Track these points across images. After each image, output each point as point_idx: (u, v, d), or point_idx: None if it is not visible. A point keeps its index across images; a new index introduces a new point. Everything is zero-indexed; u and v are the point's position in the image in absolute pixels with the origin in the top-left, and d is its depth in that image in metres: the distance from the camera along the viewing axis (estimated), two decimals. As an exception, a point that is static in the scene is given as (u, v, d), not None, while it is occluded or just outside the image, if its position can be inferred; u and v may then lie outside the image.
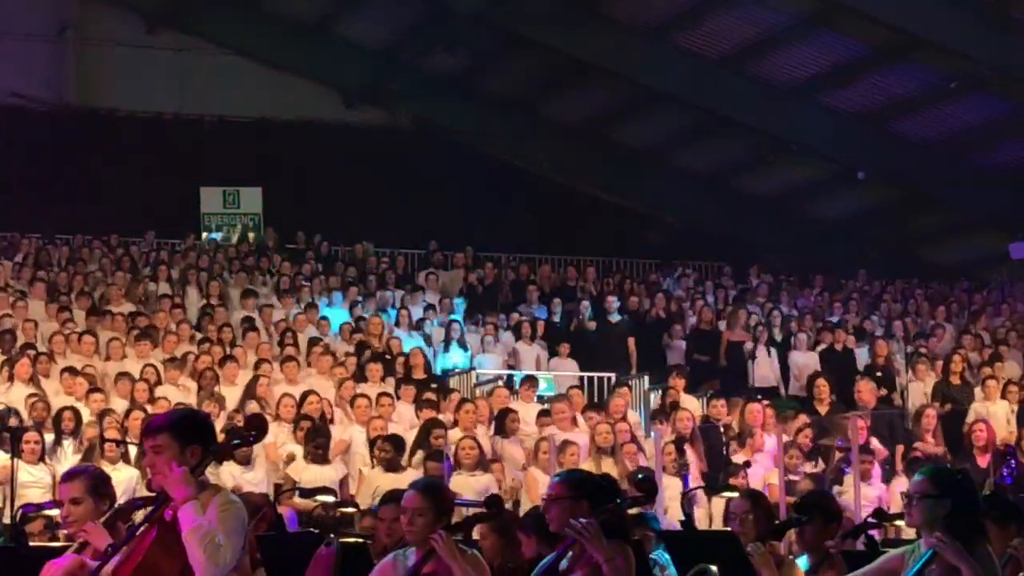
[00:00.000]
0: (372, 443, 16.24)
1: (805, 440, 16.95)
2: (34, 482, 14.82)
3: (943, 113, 27.55)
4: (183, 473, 6.43)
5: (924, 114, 27.74)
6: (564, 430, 16.80)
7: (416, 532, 7.74)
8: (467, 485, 14.87)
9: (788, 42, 26.83)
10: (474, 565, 7.67)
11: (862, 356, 22.29)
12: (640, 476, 8.20)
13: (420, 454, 16.02)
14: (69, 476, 7.58)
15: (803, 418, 17.97)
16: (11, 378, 17.72)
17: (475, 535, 9.25)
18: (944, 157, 28.65)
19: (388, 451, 15.63)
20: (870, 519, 10.58)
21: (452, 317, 22.99)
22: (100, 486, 7.43)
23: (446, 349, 21.75)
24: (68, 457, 15.52)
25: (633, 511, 8.64)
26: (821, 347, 22.31)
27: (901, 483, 15.46)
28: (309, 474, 15.62)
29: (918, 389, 20.62)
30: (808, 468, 16.28)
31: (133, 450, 15.28)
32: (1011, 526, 8.62)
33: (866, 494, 15.19)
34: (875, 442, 17.15)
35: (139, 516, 7.84)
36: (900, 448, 18.06)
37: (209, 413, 15.35)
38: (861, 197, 30.78)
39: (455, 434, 16.62)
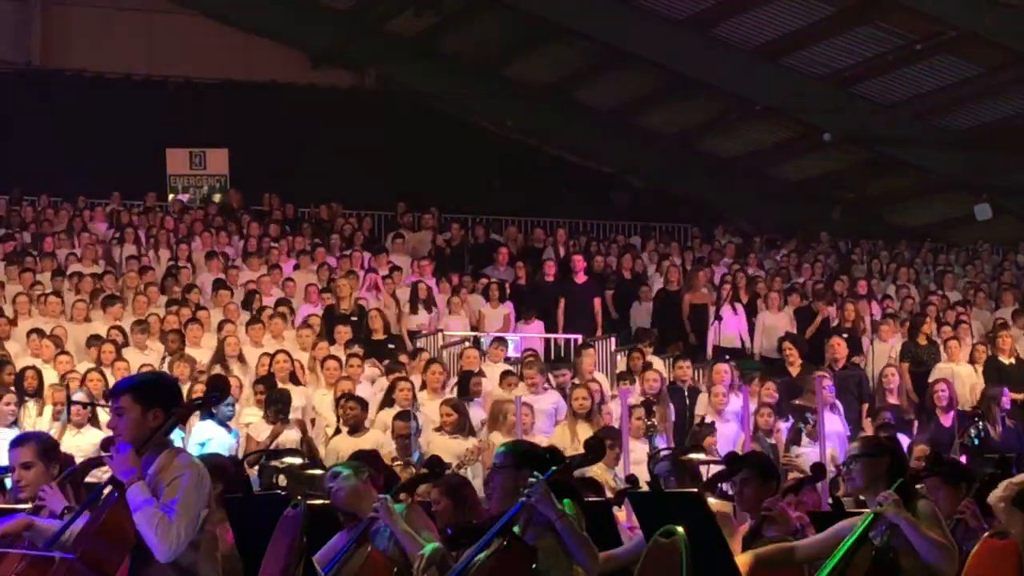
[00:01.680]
0: (337, 403, 16.25)
1: (770, 400, 16.99)
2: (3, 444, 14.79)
3: (909, 75, 27.59)
4: (127, 454, 6.42)
5: (890, 76, 27.76)
6: (533, 393, 16.82)
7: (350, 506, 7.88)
8: (448, 448, 14.87)
9: (754, 4, 26.78)
10: (415, 518, 7.79)
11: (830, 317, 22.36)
12: (591, 438, 8.28)
13: (387, 413, 16.03)
14: (19, 441, 7.62)
15: (765, 377, 18.01)
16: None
17: (428, 498, 9.30)
18: (909, 119, 28.73)
19: (354, 410, 15.63)
20: (808, 475, 10.65)
21: (418, 278, 22.96)
22: (49, 450, 7.48)
23: (413, 311, 21.72)
24: (32, 418, 15.49)
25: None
26: (790, 308, 22.37)
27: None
28: (268, 435, 15.59)
29: (884, 350, 20.71)
30: (781, 428, 16.32)
31: (100, 412, 15.27)
32: (961, 487, 8.71)
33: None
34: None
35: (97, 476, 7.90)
36: (865, 407, 18.19)
37: (176, 376, 15.37)
38: (826, 159, 30.85)
39: (423, 396, 16.65)
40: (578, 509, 7.46)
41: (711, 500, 8.72)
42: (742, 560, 7.39)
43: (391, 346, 19.65)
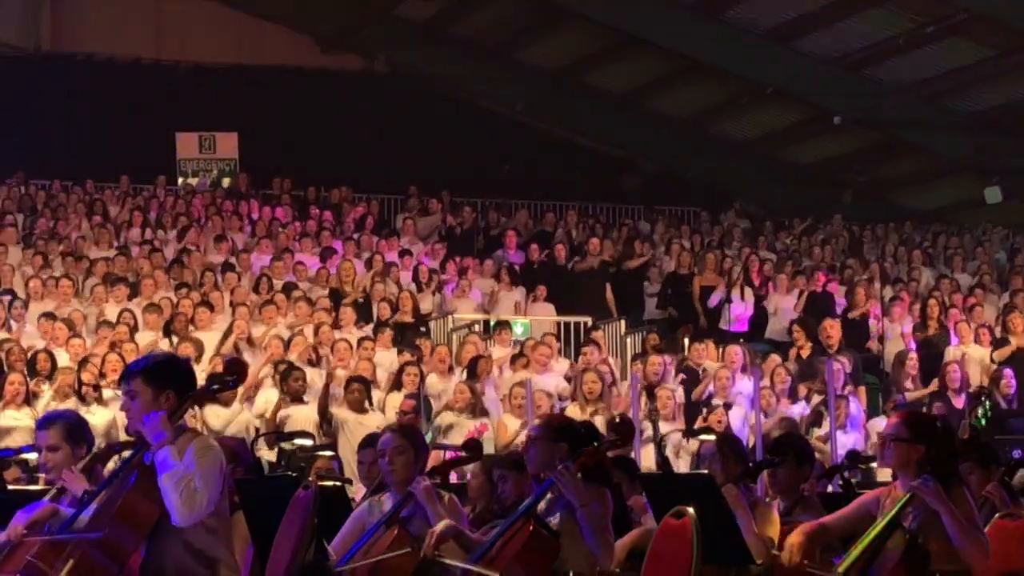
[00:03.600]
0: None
1: (781, 383, 17.00)
2: (17, 427, 14.83)
3: (920, 58, 27.50)
4: (160, 418, 6.45)
5: (900, 58, 27.68)
6: (540, 375, 16.84)
7: (397, 472, 7.77)
8: (460, 426, 14.90)
9: (765, -14, 26.79)
10: (451, 509, 7.71)
11: (840, 300, 22.33)
12: (617, 419, 8.23)
13: (396, 396, 16.07)
14: (45, 423, 7.58)
15: (775, 359, 18.01)
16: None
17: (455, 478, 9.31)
18: (920, 102, 28.65)
19: (358, 391, 15.66)
20: (844, 461, 10.65)
21: (427, 262, 22.97)
22: (76, 432, 7.43)
23: (419, 292, 21.74)
24: (46, 401, 15.52)
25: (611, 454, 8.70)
26: (799, 291, 22.34)
27: (879, 424, 15.56)
28: (292, 414, 15.63)
29: (895, 332, 20.68)
30: (790, 411, 16.32)
31: (108, 393, 15.31)
32: (992, 469, 8.69)
33: (843, 438, 15.30)
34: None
35: (118, 460, 7.89)
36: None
37: (188, 358, 15.39)
38: (837, 142, 30.79)
39: (431, 378, 16.68)
40: (607, 497, 7.45)
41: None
42: (793, 538, 7.29)
43: (422, 328, 19.70)
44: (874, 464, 11.89)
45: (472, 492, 8.76)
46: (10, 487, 9.83)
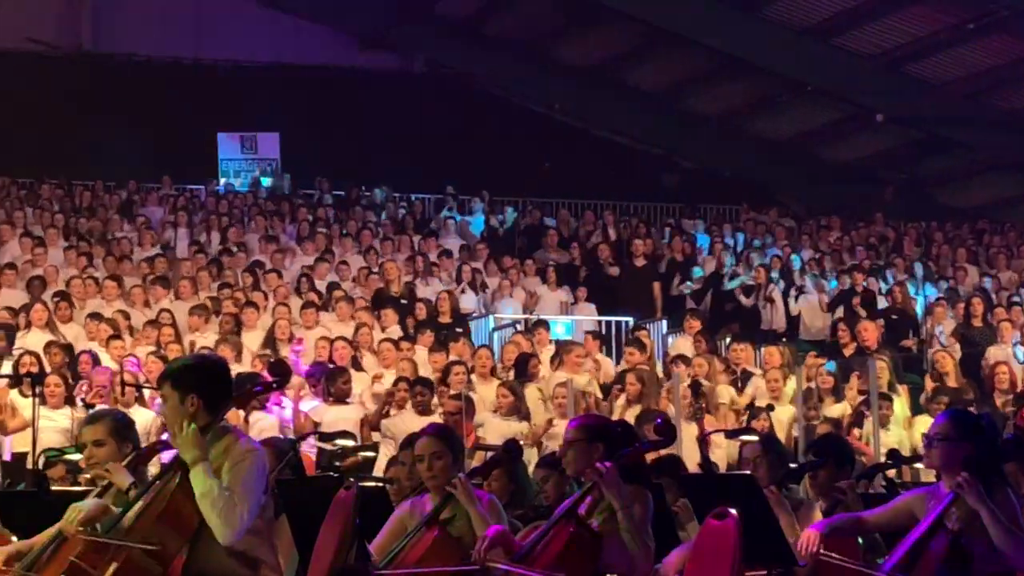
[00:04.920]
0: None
1: (825, 383, 16.92)
2: (55, 427, 14.87)
3: (961, 54, 27.40)
4: (192, 434, 6.43)
5: (942, 55, 27.58)
6: (577, 374, 16.80)
7: (435, 476, 7.77)
8: (501, 430, 14.89)
9: (804, -17, 26.74)
10: (491, 510, 7.70)
11: (882, 299, 22.25)
12: (659, 420, 8.19)
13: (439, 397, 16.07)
14: (92, 419, 7.59)
15: (819, 360, 17.92)
16: (28, 324, 17.75)
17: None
18: (962, 99, 28.53)
19: (421, 394, 15.67)
20: (886, 460, 10.61)
21: (469, 262, 22.96)
22: (123, 429, 7.44)
23: (463, 293, 21.75)
24: (86, 401, 15.56)
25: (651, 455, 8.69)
26: (841, 290, 22.26)
27: (923, 423, 15.48)
28: (329, 416, 15.64)
29: (938, 332, 20.57)
30: (832, 411, 16.24)
31: (149, 394, 15.35)
32: None
33: (885, 438, 15.22)
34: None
35: (162, 458, 7.92)
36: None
37: (224, 359, 15.39)
38: (879, 139, 30.68)
39: (473, 379, 16.66)
40: (647, 497, 7.43)
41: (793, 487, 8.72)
42: (811, 531, 7.28)
43: (459, 329, 19.68)
44: (917, 464, 11.83)
45: (495, 494, 8.75)
46: (54, 487, 9.87)
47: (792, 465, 9.23)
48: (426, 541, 7.60)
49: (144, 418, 15.15)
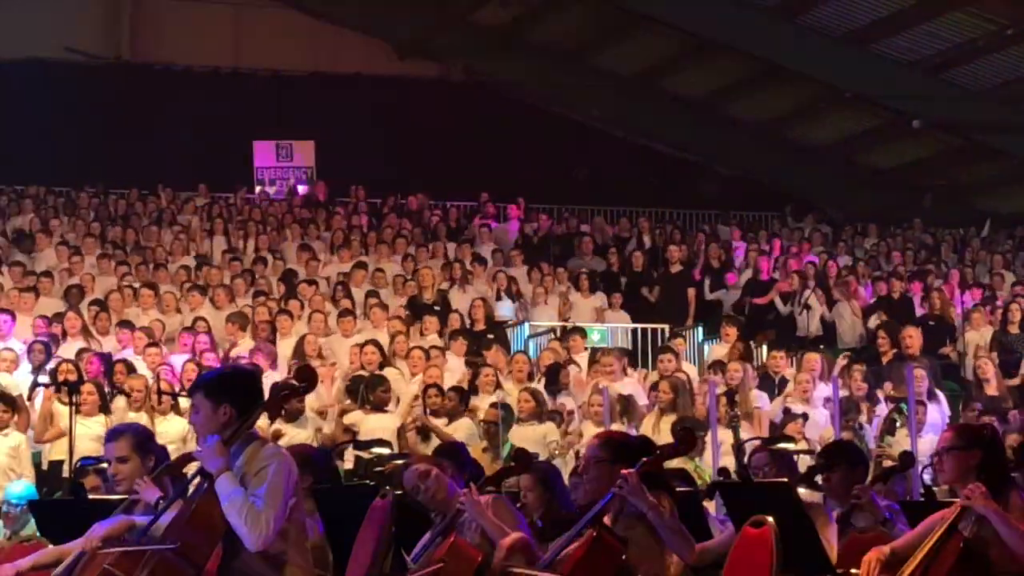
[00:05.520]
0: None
1: (860, 390, 16.83)
2: (90, 436, 14.90)
3: (999, 61, 27.27)
4: (215, 445, 6.46)
5: (980, 62, 27.46)
6: (612, 382, 16.74)
7: (435, 498, 7.85)
8: (525, 436, 14.87)
9: (843, -10, 26.65)
10: (502, 513, 7.75)
11: (919, 305, 22.15)
12: (679, 427, 8.17)
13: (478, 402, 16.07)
14: (114, 435, 7.62)
15: (856, 366, 17.82)
16: (65, 333, 17.80)
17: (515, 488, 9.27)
18: (999, 105, 28.38)
19: (451, 400, 15.66)
20: (898, 464, 10.55)
21: (505, 269, 22.95)
22: (145, 443, 7.47)
23: (498, 301, 21.74)
24: (122, 410, 15.60)
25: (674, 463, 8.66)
26: (879, 296, 22.17)
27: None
28: (367, 424, 15.63)
29: (974, 338, 20.47)
30: (865, 418, 16.15)
31: (184, 402, 15.37)
32: None
33: (921, 446, 15.14)
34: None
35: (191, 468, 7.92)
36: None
37: (256, 369, 15.41)
38: (916, 146, 30.57)
39: (508, 386, 16.64)
40: (669, 500, 7.44)
41: (802, 491, 8.67)
42: (873, 555, 7.30)
43: (490, 336, 19.67)
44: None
45: (531, 506, 8.73)
46: (90, 496, 9.87)
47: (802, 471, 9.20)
48: (442, 548, 7.64)
49: (180, 427, 15.21)
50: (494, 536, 7.72)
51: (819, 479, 9.09)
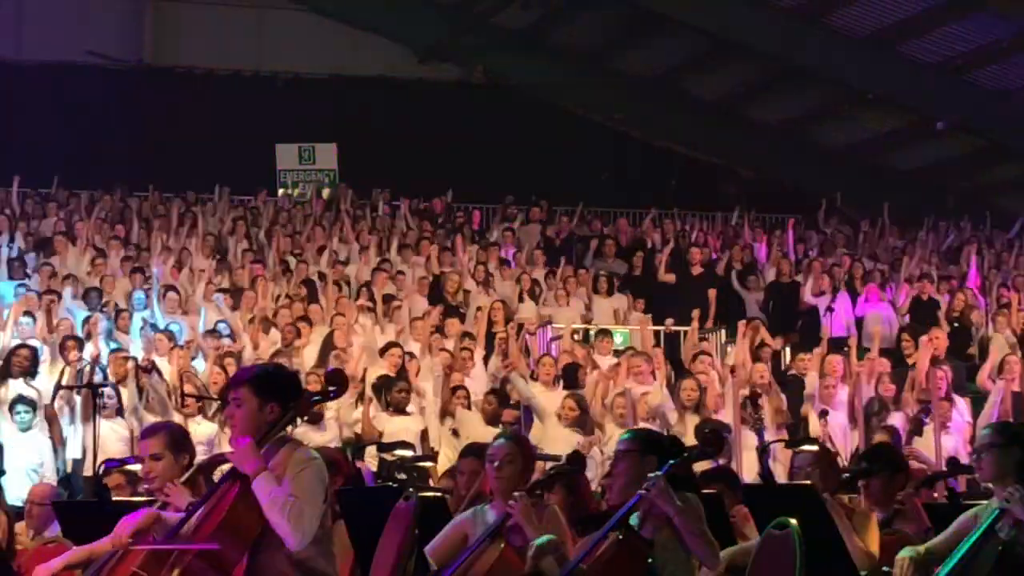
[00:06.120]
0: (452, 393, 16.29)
1: (887, 391, 16.79)
2: (113, 437, 14.94)
3: (1023, 62, 27.20)
4: (248, 446, 6.44)
5: (1004, 63, 27.39)
6: (641, 384, 16.73)
7: (503, 480, 7.77)
8: (568, 440, 14.86)
9: (866, -9, 26.60)
10: (552, 522, 7.69)
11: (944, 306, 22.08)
12: (706, 429, 8.13)
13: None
14: (149, 432, 7.61)
15: (881, 368, 17.76)
16: (89, 335, 17.83)
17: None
18: (1024, 106, 28.36)
19: (489, 403, 15.67)
20: (945, 469, 10.51)
21: (527, 271, 22.94)
22: (179, 441, 7.45)
23: (521, 303, 21.73)
24: (145, 412, 15.64)
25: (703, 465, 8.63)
26: (904, 298, 22.10)
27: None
28: (391, 426, 15.64)
29: (999, 340, 20.39)
30: (894, 420, 16.11)
31: (212, 405, 15.40)
32: None
33: (946, 444, 15.11)
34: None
35: (222, 471, 7.91)
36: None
37: (294, 370, 15.43)
38: (940, 147, 30.50)
39: (536, 388, 16.63)
40: (697, 502, 7.40)
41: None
42: (906, 553, 7.25)
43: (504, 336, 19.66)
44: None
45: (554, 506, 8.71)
46: (114, 498, 9.88)
47: (845, 475, 9.15)
48: (491, 556, 7.59)
49: (206, 430, 15.24)
50: None
51: (860, 484, 9.05)
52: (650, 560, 7.14)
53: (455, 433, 15.89)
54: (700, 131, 32.36)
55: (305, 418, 14.77)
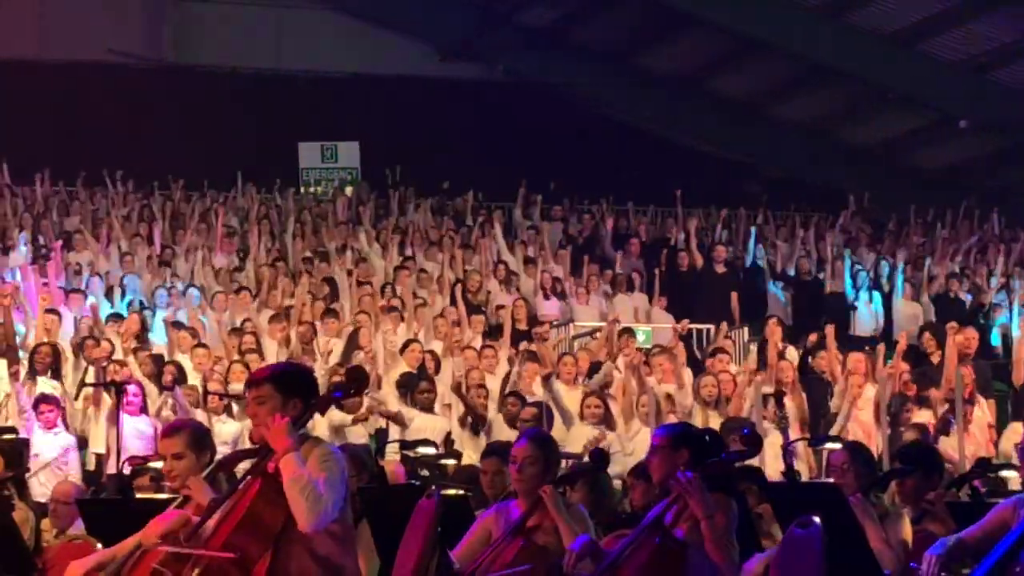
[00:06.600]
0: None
1: (911, 391, 16.74)
2: (137, 434, 14.97)
3: (1048, 59, 27.17)
4: (285, 424, 6.48)
5: (1027, 61, 27.36)
6: (664, 382, 16.72)
7: (525, 481, 7.75)
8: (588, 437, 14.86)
9: (888, -10, 26.56)
10: (578, 519, 7.66)
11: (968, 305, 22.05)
12: (745, 430, 8.08)
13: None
14: (170, 431, 7.62)
15: (903, 365, 17.71)
16: (119, 331, 17.86)
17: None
18: (1048, 105, 28.26)
19: (512, 404, 15.67)
20: (974, 469, 10.47)
21: (549, 269, 22.92)
22: (201, 439, 7.45)
23: (546, 299, 21.73)
24: (171, 411, 15.67)
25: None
26: (929, 296, 22.06)
27: (1013, 432, 15.33)
28: (416, 423, 15.64)
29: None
30: (917, 418, 16.07)
31: (236, 403, 15.42)
32: None
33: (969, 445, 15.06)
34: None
35: (242, 468, 7.93)
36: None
37: (311, 367, 15.43)
38: (963, 146, 30.41)
39: (558, 386, 16.61)
40: (732, 506, 7.35)
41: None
42: (931, 556, 7.21)
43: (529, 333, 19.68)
44: (1005, 473, 11.71)
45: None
46: (138, 495, 9.92)
47: (879, 473, 9.11)
48: (512, 550, 7.57)
49: (230, 429, 15.27)
50: (567, 538, 7.63)
51: (895, 483, 9.01)
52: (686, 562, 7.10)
53: (475, 431, 15.87)
54: (724, 130, 32.31)
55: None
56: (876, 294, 22.09)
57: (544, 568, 7.38)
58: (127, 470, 10.40)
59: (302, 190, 28.97)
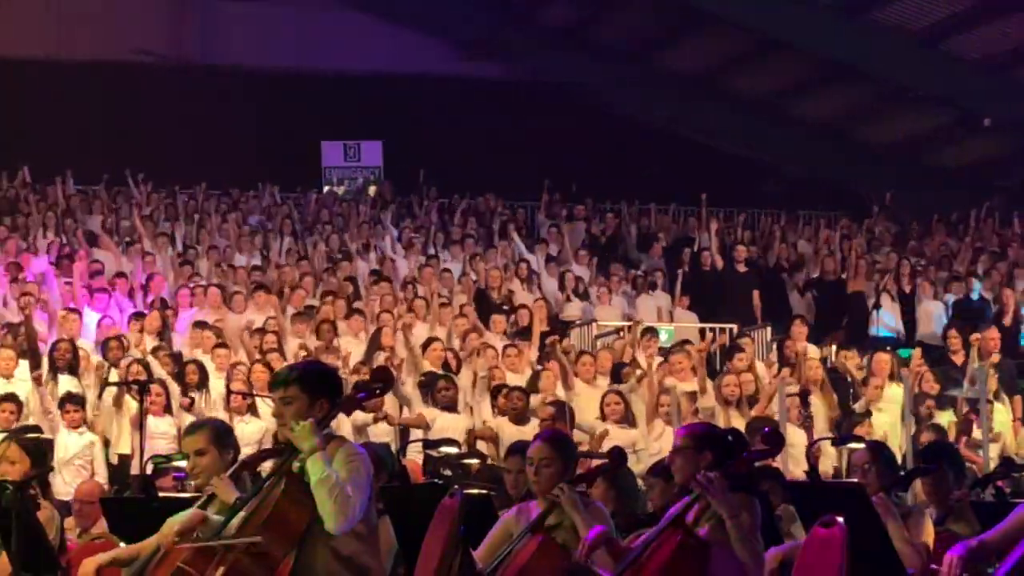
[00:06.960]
0: (494, 393, 16.26)
1: (933, 390, 16.71)
2: (160, 434, 15.01)
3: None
4: (310, 425, 6.49)
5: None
6: (682, 381, 16.69)
7: (542, 482, 7.74)
8: (615, 437, 14.83)
9: (911, -12, 26.51)
10: (597, 517, 7.65)
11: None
12: (767, 429, 8.05)
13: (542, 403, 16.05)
14: (192, 429, 7.63)
15: (924, 366, 17.68)
16: (141, 331, 17.87)
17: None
18: (1071, 103, 28.18)
19: (518, 400, 15.66)
20: (998, 469, 10.46)
21: (572, 268, 22.92)
22: (223, 437, 7.46)
23: (567, 300, 21.72)
24: (196, 410, 15.69)
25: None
26: (951, 296, 22.02)
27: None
28: (439, 422, 15.65)
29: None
30: (939, 418, 16.03)
31: (260, 403, 15.43)
32: None
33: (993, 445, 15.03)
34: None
35: (266, 467, 7.94)
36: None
37: (336, 367, 15.44)
38: (986, 145, 30.33)
39: (578, 385, 16.62)
40: (755, 506, 7.34)
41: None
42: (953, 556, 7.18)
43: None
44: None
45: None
46: (162, 494, 9.93)
47: (901, 472, 9.10)
48: (530, 547, 7.56)
49: (255, 428, 15.28)
50: (583, 533, 7.61)
51: (918, 483, 9.00)
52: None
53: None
54: (745, 129, 32.27)
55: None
56: (899, 295, 22.04)
57: (563, 566, 7.38)
58: (149, 469, 10.42)
59: (325, 189, 29.00)
